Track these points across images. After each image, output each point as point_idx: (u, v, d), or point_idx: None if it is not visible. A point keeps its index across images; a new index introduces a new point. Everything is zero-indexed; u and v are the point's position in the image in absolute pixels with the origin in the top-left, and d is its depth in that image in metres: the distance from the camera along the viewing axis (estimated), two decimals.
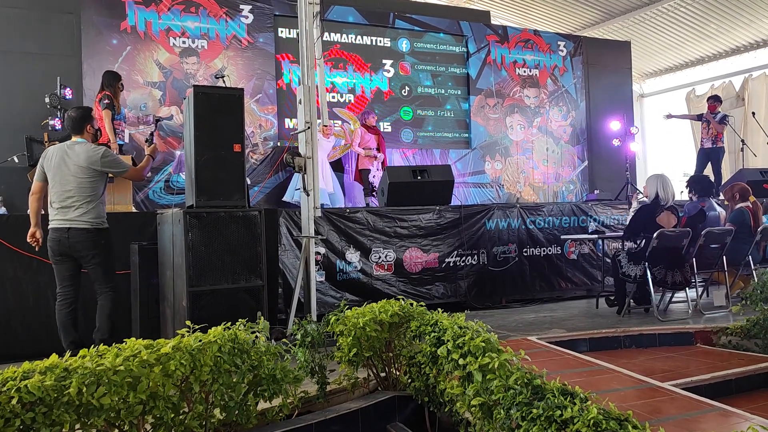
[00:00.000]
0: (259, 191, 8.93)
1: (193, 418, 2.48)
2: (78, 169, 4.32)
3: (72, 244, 4.29)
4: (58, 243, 4.31)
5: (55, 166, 4.34)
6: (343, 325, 3.27)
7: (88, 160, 4.34)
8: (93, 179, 4.36)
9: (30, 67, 7.73)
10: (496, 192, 10.88)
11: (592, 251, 7.41)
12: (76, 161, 4.32)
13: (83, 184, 4.32)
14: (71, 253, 4.33)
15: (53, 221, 4.34)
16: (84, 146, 4.39)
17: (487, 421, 2.43)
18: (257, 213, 4.53)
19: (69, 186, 4.31)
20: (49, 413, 2.08)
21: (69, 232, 4.29)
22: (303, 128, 5.01)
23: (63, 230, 4.30)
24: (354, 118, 9.88)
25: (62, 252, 4.33)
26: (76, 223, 4.30)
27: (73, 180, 4.31)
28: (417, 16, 10.61)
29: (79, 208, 4.31)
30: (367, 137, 9.06)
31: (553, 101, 11.67)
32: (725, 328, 4.76)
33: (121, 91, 6.70)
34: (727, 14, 12.28)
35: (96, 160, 4.36)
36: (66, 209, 4.30)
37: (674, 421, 2.80)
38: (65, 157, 4.34)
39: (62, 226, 4.30)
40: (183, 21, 8.73)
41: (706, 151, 9.68)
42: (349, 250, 6.09)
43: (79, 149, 4.36)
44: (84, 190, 4.33)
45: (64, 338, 4.32)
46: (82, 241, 4.30)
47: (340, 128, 9.85)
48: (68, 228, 4.29)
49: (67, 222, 4.30)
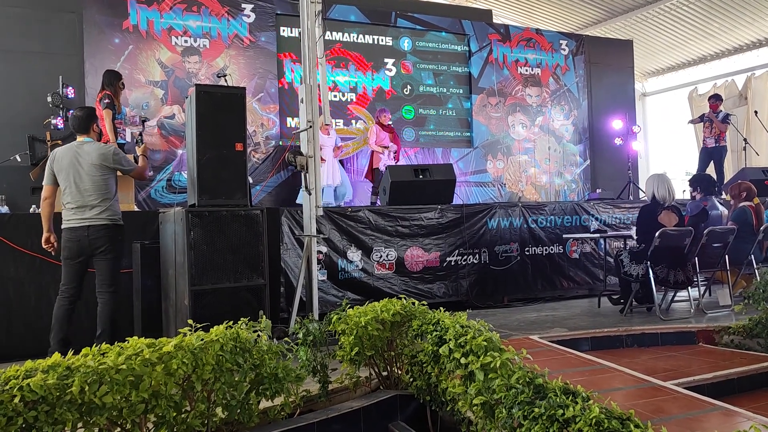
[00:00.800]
0: (261, 190, 8.94)
1: (195, 417, 2.48)
2: (92, 167, 4.35)
3: (92, 240, 4.32)
4: (78, 242, 4.32)
5: (68, 167, 4.35)
6: (345, 324, 3.27)
7: (101, 157, 4.37)
8: (106, 176, 4.41)
9: (32, 67, 7.73)
10: (498, 191, 10.86)
11: (594, 250, 7.41)
12: (89, 160, 4.35)
13: (98, 182, 4.36)
14: (90, 251, 4.34)
15: (70, 221, 4.34)
16: (94, 145, 4.43)
17: (489, 420, 2.42)
18: (259, 212, 4.53)
19: (85, 185, 4.33)
20: (51, 412, 2.08)
21: (89, 230, 4.31)
22: (305, 127, 5.01)
23: (83, 229, 4.31)
24: (369, 115, 9.89)
25: (81, 252, 4.34)
26: (96, 221, 4.33)
27: (88, 179, 4.34)
28: (419, 15, 10.60)
29: (97, 206, 4.34)
30: (382, 135, 8.99)
31: (555, 100, 11.65)
32: (727, 327, 4.75)
33: (122, 90, 6.70)
34: (729, 13, 12.25)
35: (109, 157, 4.41)
36: (83, 208, 4.32)
37: (676, 420, 2.80)
38: (77, 156, 4.36)
39: (81, 225, 4.31)
40: (185, 20, 8.73)
41: (709, 150, 9.67)
42: (350, 249, 6.09)
43: (89, 148, 4.39)
44: (100, 188, 4.36)
45: (56, 333, 4.30)
46: (102, 236, 4.34)
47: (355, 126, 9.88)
48: (88, 226, 4.31)
49: (86, 221, 4.32)
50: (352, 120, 9.78)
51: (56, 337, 4.31)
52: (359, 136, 9.89)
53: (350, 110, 9.96)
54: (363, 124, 9.95)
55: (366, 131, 9.65)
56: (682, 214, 5.86)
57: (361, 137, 9.87)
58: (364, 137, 9.71)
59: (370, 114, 9.93)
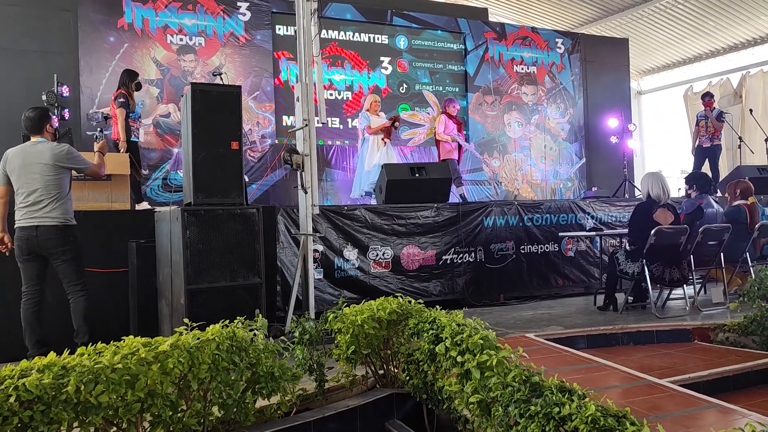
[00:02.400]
0: (257, 189, 8.92)
1: (191, 416, 2.48)
2: (44, 167, 4.30)
3: (41, 241, 4.27)
4: (27, 241, 4.28)
5: (20, 167, 4.32)
6: (341, 323, 3.27)
7: (54, 157, 4.33)
8: (58, 176, 4.36)
9: (27, 65, 7.70)
10: (494, 189, 10.87)
11: (590, 248, 7.42)
12: (41, 159, 4.31)
13: (49, 182, 4.31)
14: (40, 251, 4.30)
15: (20, 221, 4.31)
16: (47, 144, 4.39)
17: (485, 419, 2.43)
18: (255, 210, 4.53)
19: (35, 185, 4.29)
20: (47, 411, 2.08)
21: (38, 230, 4.27)
22: (301, 125, 5.00)
23: (31, 228, 4.27)
24: (438, 103, 9.97)
25: (31, 251, 4.30)
26: (45, 221, 4.28)
27: (39, 178, 4.29)
28: (415, 14, 10.60)
29: (47, 206, 4.29)
30: (451, 125, 8.67)
31: (551, 98, 11.67)
32: (723, 325, 4.77)
33: (135, 90, 6.77)
34: (724, 11, 12.28)
35: (62, 157, 4.36)
36: (33, 207, 4.28)
37: (672, 417, 2.81)
38: (28, 156, 4.33)
39: (30, 225, 4.28)
40: (180, 18, 8.70)
41: (704, 149, 9.68)
42: (347, 248, 6.09)
43: (42, 148, 4.35)
44: (50, 188, 4.31)
45: (30, 337, 4.27)
46: (51, 238, 4.28)
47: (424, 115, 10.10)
48: (37, 226, 4.27)
49: (35, 220, 4.27)
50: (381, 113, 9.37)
51: (31, 340, 4.27)
52: (426, 124, 10.06)
53: (424, 95, 10.31)
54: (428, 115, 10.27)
55: (433, 120, 9.79)
56: (677, 212, 5.87)
57: (428, 125, 10.05)
58: (431, 126, 9.84)
59: (439, 102, 10.15)
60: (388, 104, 10.11)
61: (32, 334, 4.28)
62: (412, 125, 9.94)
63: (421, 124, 10.27)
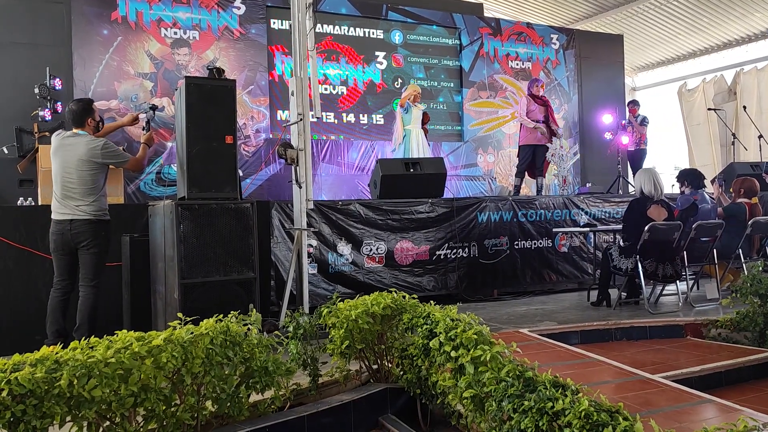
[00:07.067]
0: (251, 183, 8.90)
1: (184, 411, 2.48)
2: (79, 162, 4.31)
3: (74, 234, 4.29)
4: (61, 235, 4.30)
5: (54, 157, 4.36)
6: (335, 318, 3.27)
7: (89, 152, 4.33)
8: (94, 172, 4.36)
9: (19, 58, 7.63)
10: (489, 185, 10.88)
11: (583, 244, 7.44)
12: (77, 154, 4.32)
13: (84, 177, 4.32)
14: (73, 245, 4.32)
15: (55, 213, 4.34)
16: (85, 138, 4.38)
17: (478, 413, 2.44)
18: (249, 205, 4.52)
19: (71, 178, 4.31)
20: (39, 405, 2.07)
21: (72, 223, 4.29)
22: (295, 120, 4.99)
23: (65, 222, 4.30)
24: (518, 85, 9.90)
25: (64, 245, 4.32)
26: (79, 214, 4.30)
27: (74, 172, 4.31)
28: (410, 8, 10.57)
29: (81, 200, 4.31)
30: (533, 107, 8.21)
31: (546, 94, 11.65)
32: (715, 320, 4.80)
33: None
34: (719, 8, 12.31)
35: (97, 153, 4.35)
36: (68, 201, 4.30)
37: (664, 412, 2.82)
38: (65, 148, 4.33)
39: (64, 218, 4.30)
40: (174, 12, 8.65)
41: (631, 154, 10.13)
42: (340, 243, 6.08)
43: (79, 141, 4.35)
44: (85, 182, 4.33)
45: (51, 325, 4.31)
46: (84, 231, 4.30)
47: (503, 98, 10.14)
48: (71, 220, 4.29)
49: (69, 214, 4.30)
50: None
51: (51, 327, 4.32)
52: (500, 110, 10.10)
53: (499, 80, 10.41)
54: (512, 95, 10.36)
55: (503, 106, 9.90)
56: (671, 209, 5.89)
57: (500, 111, 10.10)
58: (512, 111, 9.80)
59: (520, 85, 10.17)
60: (383, 99, 10.10)
61: (54, 322, 4.32)
62: (490, 113, 9.89)
63: (497, 110, 10.25)
